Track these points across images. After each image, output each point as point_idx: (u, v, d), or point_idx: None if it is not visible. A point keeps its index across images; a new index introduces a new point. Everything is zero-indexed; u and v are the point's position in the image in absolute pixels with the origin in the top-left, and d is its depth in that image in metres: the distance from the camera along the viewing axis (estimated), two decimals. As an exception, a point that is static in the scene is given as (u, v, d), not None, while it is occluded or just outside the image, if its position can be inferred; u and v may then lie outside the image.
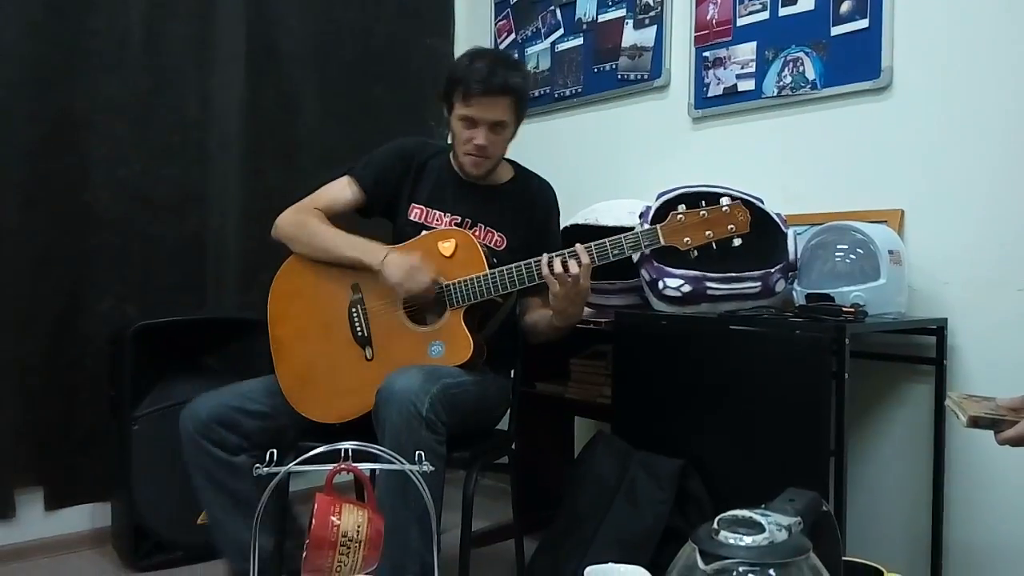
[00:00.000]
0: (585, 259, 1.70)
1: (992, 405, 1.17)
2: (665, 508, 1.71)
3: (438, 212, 1.93)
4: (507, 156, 1.99)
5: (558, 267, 1.69)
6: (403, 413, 1.56)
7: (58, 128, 2.36)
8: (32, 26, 2.31)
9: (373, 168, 1.96)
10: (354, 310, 1.83)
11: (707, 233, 1.66)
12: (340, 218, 1.94)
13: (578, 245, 1.72)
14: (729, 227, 1.65)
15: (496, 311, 1.87)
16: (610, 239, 1.71)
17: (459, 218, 1.92)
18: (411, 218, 1.94)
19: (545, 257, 1.72)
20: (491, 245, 1.90)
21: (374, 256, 1.79)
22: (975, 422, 1.12)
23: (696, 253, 1.67)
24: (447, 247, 1.80)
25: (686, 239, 1.66)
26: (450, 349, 1.76)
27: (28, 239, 2.32)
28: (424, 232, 1.88)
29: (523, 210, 1.97)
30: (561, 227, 2.10)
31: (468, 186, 1.95)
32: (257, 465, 1.15)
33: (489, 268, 1.76)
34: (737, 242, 1.65)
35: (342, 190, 1.94)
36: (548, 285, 1.72)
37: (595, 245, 1.71)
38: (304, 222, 1.90)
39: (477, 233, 1.90)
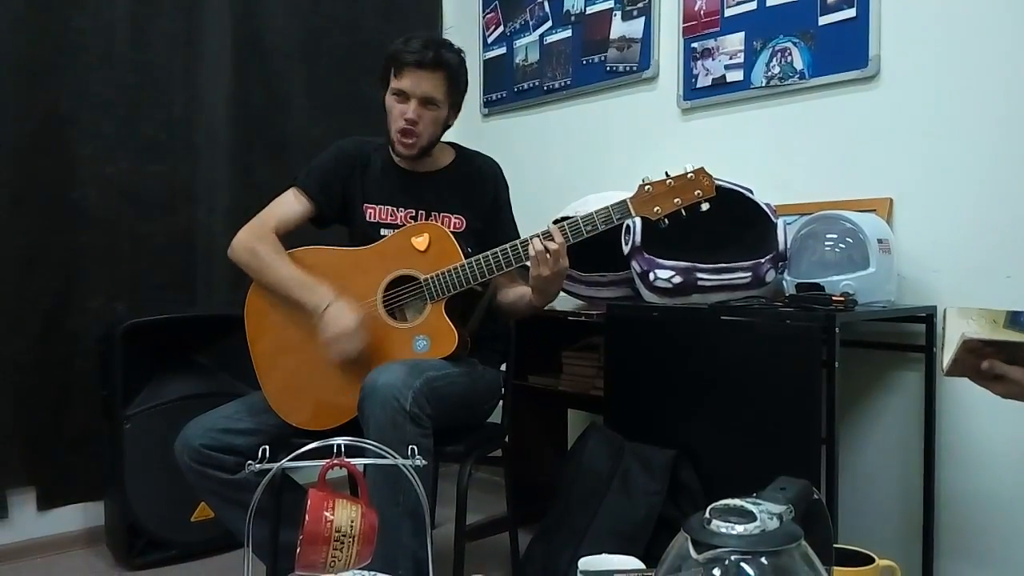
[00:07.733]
0: (559, 238, 1.70)
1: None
2: (658, 499, 1.72)
3: (391, 208, 1.93)
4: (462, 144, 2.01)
5: (539, 246, 1.70)
6: (386, 408, 1.56)
7: (45, 126, 2.35)
8: (17, 23, 2.29)
9: (316, 175, 1.94)
10: None
11: (675, 200, 1.66)
12: (297, 233, 1.92)
13: (551, 224, 1.72)
14: (696, 192, 1.66)
15: (478, 301, 1.88)
16: (582, 216, 1.71)
17: (413, 211, 1.93)
18: (367, 219, 1.93)
19: (528, 239, 1.72)
20: (452, 229, 1.90)
21: (317, 303, 1.77)
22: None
23: (667, 222, 1.67)
24: (420, 242, 1.80)
25: (656, 208, 1.67)
26: (435, 342, 1.76)
27: (16, 238, 2.30)
28: (391, 231, 1.88)
29: (472, 188, 1.97)
30: (552, 220, 2.09)
31: (414, 176, 1.95)
32: (249, 462, 1.15)
33: (464, 258, 1.77)
34: (705, 207, 1.66)
35: (292, 204, 1.92)
36: (530, 267, 1.73)
37: (568, 223, 1.71)
38: (257, 251, 1.85)
39: (435, 221, 1.90)
